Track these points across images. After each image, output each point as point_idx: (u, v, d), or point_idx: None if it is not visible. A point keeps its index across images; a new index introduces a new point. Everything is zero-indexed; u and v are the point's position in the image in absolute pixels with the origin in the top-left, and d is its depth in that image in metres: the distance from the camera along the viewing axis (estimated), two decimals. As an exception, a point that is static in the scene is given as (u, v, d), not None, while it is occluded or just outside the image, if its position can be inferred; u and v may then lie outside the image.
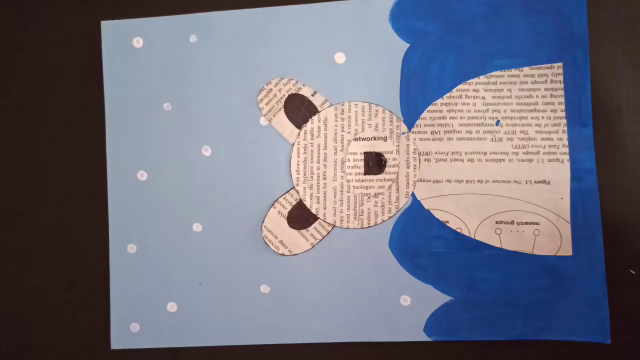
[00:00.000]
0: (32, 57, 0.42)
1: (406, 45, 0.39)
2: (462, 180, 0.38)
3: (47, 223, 0.42)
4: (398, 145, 0.39)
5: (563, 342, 0.37)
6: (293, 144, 0.40)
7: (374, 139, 0.39)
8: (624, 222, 0.38)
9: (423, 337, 0.39)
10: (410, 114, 0.39)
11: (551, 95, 0.38)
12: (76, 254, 0.41)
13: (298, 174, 0.40)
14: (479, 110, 0.38)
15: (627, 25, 0.38)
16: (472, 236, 0.38)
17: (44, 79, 0.42)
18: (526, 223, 0.38)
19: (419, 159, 0.39)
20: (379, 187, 0.39)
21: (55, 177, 0.42)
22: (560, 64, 0.38)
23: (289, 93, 0.40)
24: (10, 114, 0.42)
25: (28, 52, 0.42)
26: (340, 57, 0.39)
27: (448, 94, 0.38)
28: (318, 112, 0.40)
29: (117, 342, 0.41)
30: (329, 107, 0.40)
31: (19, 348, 0.42)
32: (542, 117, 0.38)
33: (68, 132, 0.42)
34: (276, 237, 0.40)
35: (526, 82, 0.38)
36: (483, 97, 0.38)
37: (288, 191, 0.40)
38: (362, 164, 0.39)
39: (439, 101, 0.39)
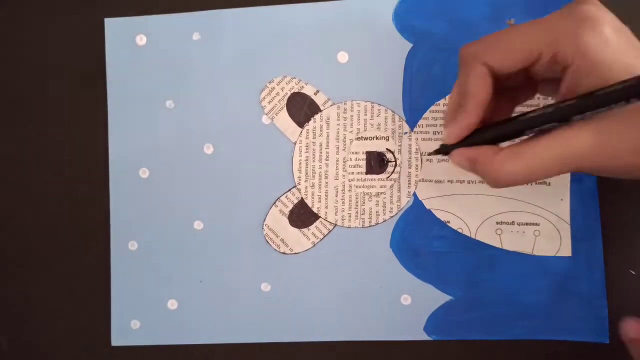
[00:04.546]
0: (35, 54, 0.42)
1: (409, 45, 0.39)
2: (464, 181, 0.39)
3: (48, 220, 0.42)
4: (400, 145, 0.39)
5: (562, 341, 0.37)
6: (295, 143, 0.40)
7: (376, 138, 0.39)
8: (623, 223, 0.38)
9: (423, 337, 0.39)
10: (413, 114, 0.39)
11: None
12: (77, 251, 0.41)
13: (300, 172, 0.40)
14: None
15: (627, 25, 0.38)
16: (473, 236, 0.38)
17: (46, 76, 0.42)
18: (526, 224, 0.38)
19: (421, 159, 0.39)
20: (381, 187, 0.39)
21: (56, 173, 0.42)
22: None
23: (292, 92, 0.40)
24: (10, 112, 0.42)
25: (31, 50, 0.42)
26: (343, 56, 0.39)
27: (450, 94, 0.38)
28: (320, 111, 0.40)
29: (118, 339, 0.41)
30: (331, 106, 0.40)
31: (19, 346, 0.42)
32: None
33: (70, 130, 0.42)
34: (277, 236, 0.40)
35: (528, 83, 0.38)
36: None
37: (290, 190, 0.40)
38: (364, 163, 0.39)
39: (442, 101, 0.39)
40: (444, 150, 0.31)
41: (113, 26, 0.41)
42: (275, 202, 0.40)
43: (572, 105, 0.26)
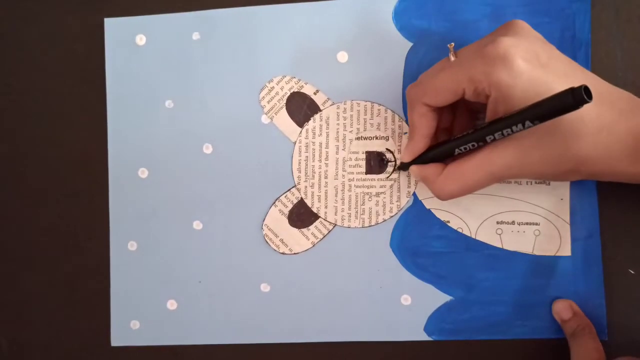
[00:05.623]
0: (35, 54, 0.42)
1: (409, 44, 0.39)
2: (464, 180, 0.39)
3: (48, 221, 0.42)
4: (400, 145, 0.39)
5: (562, 340, 0.37)
6: (294, 142, 0.40)
7: (376, 138, 0.39)
8: (621, 222, 0.38)
9: (423, 337, 0.39)
10: (413, 114, 0.39)
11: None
12: (77, 251, 0.41)
13: (299, 172, 0.40)
14: (480, 112, 0.39)
15: (627, 25, 0.38)
16: (473, 236, 0.38)
17: (46, 76, 0.42)
18: (527, 223, 0.38)
19: (421, 159, 0.39)
20: (381, 187, 0.39)
21: (56, 174, 0.42)
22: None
23: (291, 91, 0.40)
24: (11, 112, 0.42)
25: (31, 49, 0.42)
26: (342, 56, 0.39)
27: None
28: (320, 110, 0.40)
29: (117, 339, 0.41)
30: (330, 105, 0.40)
31: (19, 346, 0.42)
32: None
33: (70, 129, 0.42)
34: (277, 236, 0.40)
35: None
36: (485, 97, 0.38)
37: (289, 190, 0.40)
38: (363, 163, 0.39)
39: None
40: (402, 167, 0.38)
41: (113, 26, 0.41)
42: (274, 202, 0.40)
43: (485, 129, 0.32)
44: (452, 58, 0.33)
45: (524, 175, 0.33)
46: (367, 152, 0.39)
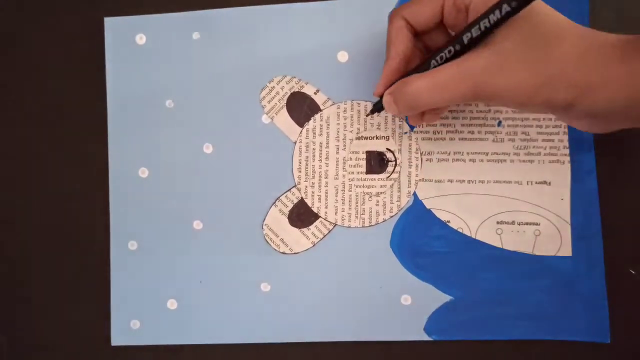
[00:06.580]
0: (35, 53, 0.42)
1: (409, 45, 0.39)
2: (464, 180, 0.39)
3: (48, 220, 0.42)
4: (400, 145, 0.39)
5: (563, 341, 0.37)
6: (295, 142, 0.40)
7: (376, 138, 0.39)
8: (623, 222, 0.38)
9: (423, 337, 0.39)
10: (413, 114, 0.39)
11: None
12: (77, 250, 0.41)
13: (300, 172, 0.40)
14: (481, 111, 0.39)
15: (627, 25, 0.38)
16: (473, 236, 0.38)
17: (46, 75, 0.42)
18: (527, 223, 0.38)
19: (421, 159, 0.39)
20: (381, 187, 0.39)
21: (56, 173, 0.42)
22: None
23: (292, 91, 0.40)
24: (11, 112, 0.42)
25: (30, 49, 0.42)
26: (343, 56, 0.39)
27: None
28: (320, 110, 0.40)
29: (118, 338, 0.41)
30: (331, 105, 0.40)
31: (19, 346, 0.42)
32: (543, 119, 0.38)
33: (70, 129, 0.42)
34: (277, 236, 0.40)
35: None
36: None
37: (289, 189, 0.40)
38: (364, 163, 0.39)
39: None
40: (378, 107, 0.35)
41: (113, 25, 0.41)
42: (275, 202, 0.40)
43: (461, 31, 0.30)
44: None
45: (504, 85, 0.29)
46: (367, 151, 0.39)
